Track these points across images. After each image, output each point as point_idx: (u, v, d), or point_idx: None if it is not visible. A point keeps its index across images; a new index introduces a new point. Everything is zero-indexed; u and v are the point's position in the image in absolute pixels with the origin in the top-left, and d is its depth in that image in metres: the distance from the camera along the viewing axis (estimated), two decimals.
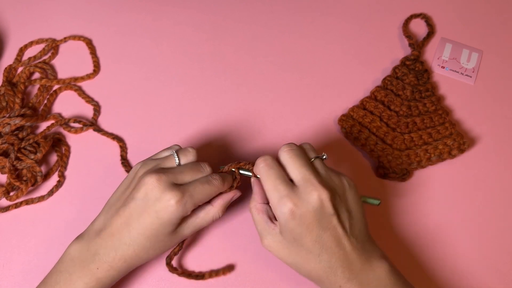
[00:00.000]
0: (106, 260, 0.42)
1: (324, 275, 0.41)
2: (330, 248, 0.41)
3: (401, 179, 0.55)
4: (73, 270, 0.42)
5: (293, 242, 0.41)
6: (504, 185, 0.56)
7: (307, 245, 0.41)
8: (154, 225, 0.42)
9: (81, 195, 0.55)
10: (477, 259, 0.52)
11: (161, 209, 0.42)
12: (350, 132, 0.58)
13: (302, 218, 0.40)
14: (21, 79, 0.60)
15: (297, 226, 0.40)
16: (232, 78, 0.62)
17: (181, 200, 0.42)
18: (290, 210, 0.40)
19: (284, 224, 0.41)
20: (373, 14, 0.67)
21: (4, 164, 0.53)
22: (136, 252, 0.43)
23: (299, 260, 0.42)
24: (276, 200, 0.41)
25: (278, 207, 0.41)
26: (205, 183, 0.44)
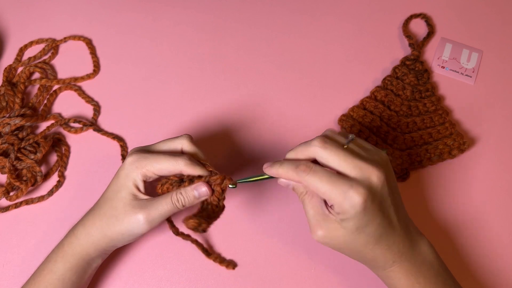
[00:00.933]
0: (73, 231, 0.45)
1: (380, 254, 0.41)
2: (388, 229, 0.41)
3: (401, 179, 0.55)
4: (52, 253, 0.45)
5: (355, 230, 0.40)
6: (504, 185, 0.56)
7: (370, 230, 0.40)
8: (111, 185, 0.44)
9: (81, 195, 0.55)
10: (477, 259, 0.52)
11: (120, 170, 0.44)
12: (350, 132, 0.58)
13: (370, 206, 0.39)
14: (21, 79, 0.60)
15: (365, 214, 0.39)
16: (232, 78, 0.62)
17: (135, 161, 0.43)
18: (360, 202, 0.38)
19: (354, 215, 0.38)
20: (373, 14, 0.67)
21: (4, 164, 0.53)
22: (92, 216, 0.45)
23: (357, 246, 0.41)
24: (341, 196, 0.38)
25: (347, 201, 0.38)
26: (170, 155, 0.43)
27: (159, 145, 0.46)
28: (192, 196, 0.43)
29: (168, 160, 0.43)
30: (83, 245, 0.44)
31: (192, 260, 0.51)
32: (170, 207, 0.43)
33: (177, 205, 0.43)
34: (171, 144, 0.45)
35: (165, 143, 0.45)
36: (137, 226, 0.43)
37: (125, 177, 0.43)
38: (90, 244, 0.44)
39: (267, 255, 0.51)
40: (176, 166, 0.43)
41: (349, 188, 0.38)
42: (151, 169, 0.43)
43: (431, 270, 0.43)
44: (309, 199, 0.41)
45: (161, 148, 0.45)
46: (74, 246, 0.44)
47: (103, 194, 0.45)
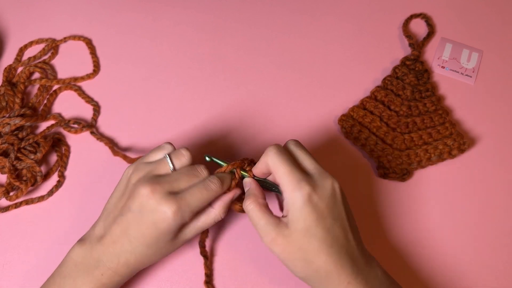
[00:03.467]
0: (110, 266, 0.42)
1: (335, 269, 0.40)
2: (340, 240, 0.40)
3: (401, 179, 0.55)
4: (77, 275, 0.42)
5: (305, 232, 0.40)
6: (504, 185, 0.56)
7: (320, 233, 0.39)
8: (153, 234, 0.42)
9: (81, 195, 0.55)
10: (477, 259, 0.52)
11: (158, 220, 0.41)
12: (350, 132, 0.57)
13: (317, 204, 0.40)
14: (21, 79, 0.60)
15: (313, 212, 0.39)
16: (232, 78, 0.62)
17: (177, 210, 0.41)
18: (308, 193, 0.39)
19: (300, 210, 0.39)
20: (373, 14, 0.67)
21: (4, 164, 0.53)
22: (138, 259, 0.43)
23: (309, 254, 0.40)
24: (293, 183, 0.40)
25: (296, 191, 0.40)
26: (203, 189, 0.42)
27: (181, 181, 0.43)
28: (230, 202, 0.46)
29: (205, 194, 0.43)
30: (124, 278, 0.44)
31: (192, 260, 0.51)
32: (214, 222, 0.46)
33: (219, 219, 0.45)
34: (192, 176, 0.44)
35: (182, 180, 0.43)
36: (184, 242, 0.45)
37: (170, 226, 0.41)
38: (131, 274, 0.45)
39: (267, 255, 0.51)
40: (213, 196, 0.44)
41: (303, 179, 0.40)
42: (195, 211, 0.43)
43: None
44: (257, 209, 0.42)
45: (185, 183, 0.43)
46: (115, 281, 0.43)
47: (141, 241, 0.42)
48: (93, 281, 0.42)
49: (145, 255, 0.43)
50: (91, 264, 0.42)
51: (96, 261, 0.42)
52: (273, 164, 0.42)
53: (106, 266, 0.42)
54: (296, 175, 0.40)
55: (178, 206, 0.41)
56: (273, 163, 0.42)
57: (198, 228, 0.45)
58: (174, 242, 0.44)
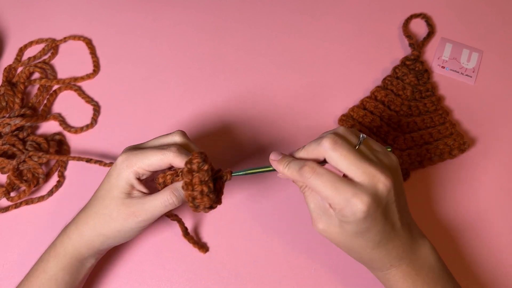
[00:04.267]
0: (65, 231, 0.45)
1: (378, 257, 0.41)
2: (389, 234, 0.40)
3: None
4: (48, 253, 0.45)
5: (353, 234, 0.39)
6: (504, 185, 0.56)
7: (369, 235, 0.39)
8: (103, 184, 0.44)
9: (81, 195, 0.55)
10: (478, 259, 0.52)
11: (111, 169, 0.44)
12: None
13: (372, 214, 0.38)
14: (21, 79, 0.60)
15: (366, 222, 0.38)
16: (232, 78, 0.62)
17: (125, 159, 0.42)
18: (362, 211, 0.37)
19: (354, 222, 0.38)
20: (373, 14, 0.67)
21: (5, 165, 0.53)
22: (84, 216, 0.44)
23: (355, 247, 0.41)
24: (343, 202, 0.38)
25: (348, 208, 0.38)
26: (158, 149, 0.42)
27: (151, 142, 0.45)
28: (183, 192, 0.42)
29: (156, 153, 0.42)
30: (75, 245, 0.44)
31: (192, 260, 0.51)
32: (165, 206, 0.42)
33: (170, 202, 0.42)
34: (163, 140, 0.44)
35: (158, 140, 0.45)
36: (132, 223, 0.43)
37: (117, 176, 0.43)
38: (83, 243, 0.44)
39: (267, 255, 0.51)
40: (164, 159, 0.42)
41: (353, 196, 0.37)
42: (141, 166, 0.42)
43: (431, 274, 0.42)
44: (310, 192, 0.41)
45: (153, 144, 0.44)
46: (66, 246, 0.44)
47: (95, 193, 0.45)
48: (51, 252, 0.45)
49: (93, 213, 0.44)
50: (56, 240, 0.45)
51: (60, 236, 0.45)
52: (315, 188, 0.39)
53: (64, 233, 0.45)
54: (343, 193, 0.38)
55: (127, 155, 0.43)
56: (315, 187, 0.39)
57: (147, 204, 0.42)
58: (124, 206, 0.42)
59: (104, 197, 0.43)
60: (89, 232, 0.44)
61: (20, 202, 0.53)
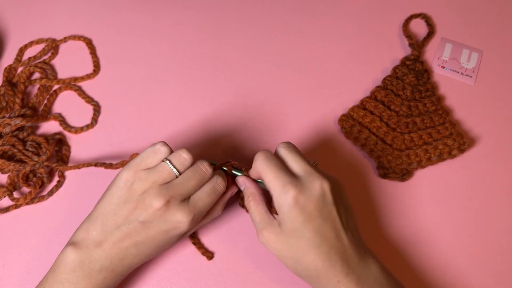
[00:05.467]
0: (113, 269, 0.42)
1: (323, 268, 0.41)
2: (330, 240, 0.41)
3: (401, 179, 0.55)
4: (78, 281, 0.42)
5: (293, 232, 0.41)
6: (504, 185, 0.56)
7: (308, 235, 0.40)
8: (163, 240, 0.43)
9: (81, 195, 0.55)
10: (476, 259, 0.52)
11: (172, 228, 0.42)
12: (350, 132, 0.58)
13: (305, 206, 0.40)
14: (21, 79, 0.60)
15: (300, 213, 0.40)
16: (232, 78, 0.62)
17: (193, 219, 0.42)
18: (294, 196, 0.40)
19: (287, 212, 0.40)
20: (373, 14, 0.67)
21: (6, 167, 0.53)
22: (142, 259, 0.44)
23: (298, 253, 0.41)
24: (279, 187, 0.41)
25: (282, 194, 0.41)
26: (212, 193, 0.44)
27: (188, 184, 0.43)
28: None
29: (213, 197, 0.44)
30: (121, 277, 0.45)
31: (192, 260, 0.51)
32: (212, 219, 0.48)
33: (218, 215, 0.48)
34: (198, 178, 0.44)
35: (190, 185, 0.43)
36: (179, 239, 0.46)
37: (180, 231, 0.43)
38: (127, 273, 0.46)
39: (267, 255, 0.51)
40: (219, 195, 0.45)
41: (289, 182, 0.41)
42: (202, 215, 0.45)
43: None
44: (255, 205, 0.44)
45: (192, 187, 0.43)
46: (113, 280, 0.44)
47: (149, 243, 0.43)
48: (96, 284, 0.42)
49: (149, 255, 0.44)
50: (92, 269, 0.42)
51: (99, 266, 0.42)
52: (261, 170, 0.43)
53: (109, 269, 0.42)
54: (282, 179, 0.41)
55: (193, 215, 0.42)
56: (261, 169, 0.43)
57: (197, 227, 0.46)
58: (177, 241, 0.45)
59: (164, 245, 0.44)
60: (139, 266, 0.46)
61: (20, 202, 0.53)
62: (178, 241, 0.46)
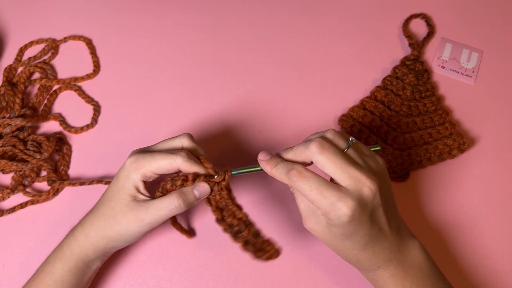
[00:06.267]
0: (72, 233, 0.45)
1: (366, 258, 0.41)
2: (376, 237, 0.41)
3: (401, 179, 0.55)
4: (55, 255, 0.45)
5: (340, 236, 0.40)
6: (504, 185, 0.56)
7: (355, 238, 0.40)
8: (111, 186, 0.44)
9: (81, 195, 0.55)
10: (477, 259, 0.52)
11: (119, 171, 0.44)
12: (350, 132, 0.58)
13: (357, 218, 0.38)
14: (21, 79, 0.60)
15: (352, 225, 0.39)
16: (232, 78, 0.62)
17: (133, 162, 0.42)
18: (347, 215, 0.38)
19: (339, 225, 0.39)
20: (373, 14, 0.67)
21: (9, 167, 0.53)
22: (91, 218, 0.44)
23: (342, 247, 0.41)
24: (328, 206, 0.38)
25: (333, 213, 0.38)
26: (166, 153, 0.42)
27: (159, 145, 0.45)
28: (193, 197, 0.43)
29: (165, 157, 0.42)
30: (82, 247, 0.44)
31: (192, 260, 0.51)
32: (170, 210, 0.42)
33: (178, 207, 0.42)
34: (171, 143, 0.45)
35: (165, 143, 0.45)
36: (135, 226, 0.43)
37: (125, 178, 0.43)
38: (89, 246, 0.44)
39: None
40: (173, 163, 0.42)
41: (338, 200, 0.38)
42: (149, 169, 0.42)
43: (420, 274, 0.43)
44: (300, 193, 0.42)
45: (161, 148, 0.45)
46: (73, 248, 0.44)
47: (103, 195, 0.45)
48: (57, 254, 0.45)
49: (100, 215, 0.44)
50: (63, 242, 0.45)
51: (67, 237, 0.45)
52: (302, 191, 0.40)
53: (71, 234, 0.45)
54: (328, 198, 0.38)
55: (136, 157, 0.43)
56: (301, 190, 0.40)
57: (152, 208, 0.42)
58: (131, 211, 0.43)
59: (111, 198, 0.43)
60: (94, 234, 0.44)
61: (25, 202, 0.53)
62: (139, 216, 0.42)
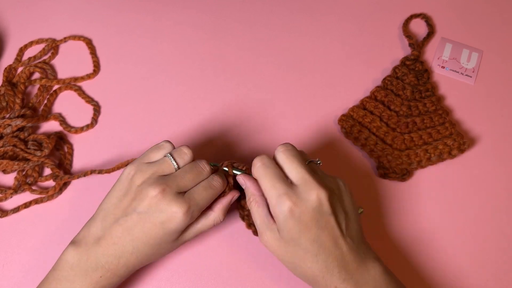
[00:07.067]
0: (109, 268, 0.42)
1: (320, 275, 0.41)
2: (327, 248, 0.41)
3: (401, 179, 0.55)
4: (74, 279, 0.42)
5: (291, 241, 0.41)
6: (504, 185, 0.56)
7: (304, 244, 0.41)
8: (158, 234, 0.42)
9: (81, 195, 0.55)
10: (476, 259, 0.52)
11: (167, 220, 0.41)
12: (350, 132, 0.58)
13: (301, 217, 0.40)
14: (21, 79, 0.60)
15: (296, 224, 0.40)
16: (232, 78, 0.62)
17: (188, 210, 0.42)
18: (289, 208, 0.40)
19: (283, 223, 0.40)
20: (373, 14, 0.67)
21: (11, 167, 0.53)
22: (138, 259, 0.43)
23: (295, 260, 0.42)
24: (274, 198, 0.41)
25: (277, 205, 0.40)
26: (208, 188, 0.44)
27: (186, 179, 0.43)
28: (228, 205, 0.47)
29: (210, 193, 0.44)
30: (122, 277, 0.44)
31: (192, 260, 0.51)
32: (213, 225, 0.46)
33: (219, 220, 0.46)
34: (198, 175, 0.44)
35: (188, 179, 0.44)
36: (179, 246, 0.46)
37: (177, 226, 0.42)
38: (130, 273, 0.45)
39: (267, 255, 0.51)
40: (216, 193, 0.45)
41: (284, 193, 0.40)
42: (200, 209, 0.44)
43: None
44: (256, 207, 0.43)
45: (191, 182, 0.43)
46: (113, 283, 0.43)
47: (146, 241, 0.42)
48: (92, 283, 0.42)
49: (146, 255, 0.43)
50: (89, 266, 0.42)
51: (95, 263, 0.42)
52: (258, 177, 0.43)
53: (105, 268, 0.42)
54: (278, 188, 0.41)
55: (189, 205, 0.42)
56: (258, 176, 0.43)
57: (198, 230, 0.45)
58: (174, 243, 0.44)
59: (161, 243, 0.43)
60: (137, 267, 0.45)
61: (29, 201, 0.53)
62: (175, 245, 0.45)
